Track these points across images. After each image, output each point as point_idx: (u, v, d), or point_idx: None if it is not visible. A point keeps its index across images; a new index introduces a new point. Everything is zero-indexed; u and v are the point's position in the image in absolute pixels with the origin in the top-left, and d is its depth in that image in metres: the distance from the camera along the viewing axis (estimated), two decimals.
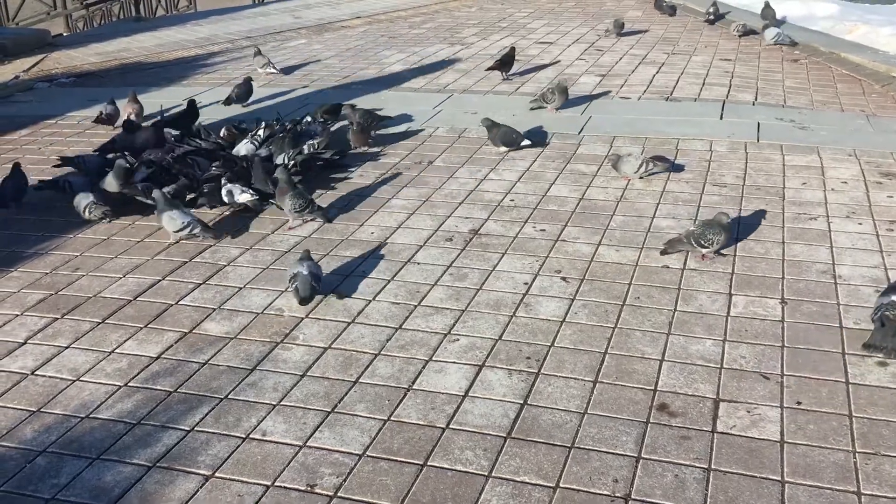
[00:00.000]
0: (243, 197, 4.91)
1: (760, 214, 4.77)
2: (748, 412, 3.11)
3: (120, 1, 15.91)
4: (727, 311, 3.80)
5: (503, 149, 5.86)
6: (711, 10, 10.21)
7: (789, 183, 5.22)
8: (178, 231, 4.59)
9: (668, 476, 2.80)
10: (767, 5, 9.90)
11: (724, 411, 3.12)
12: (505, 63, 7.80)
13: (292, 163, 5.35)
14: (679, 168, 5.49)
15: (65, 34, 13.12)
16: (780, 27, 9.33)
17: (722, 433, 3.00)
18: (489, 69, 7.92)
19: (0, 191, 5.19)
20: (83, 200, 4.91)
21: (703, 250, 4.22)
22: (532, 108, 6.75)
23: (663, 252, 4.30)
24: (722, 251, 4.28)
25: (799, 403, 3.16)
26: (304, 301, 3.90)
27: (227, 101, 7.15)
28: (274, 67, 8.21)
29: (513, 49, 7.99)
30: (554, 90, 6.67)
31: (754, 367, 3.38)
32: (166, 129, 5.96)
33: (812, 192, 5.07)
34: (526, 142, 5.86)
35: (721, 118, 6.54)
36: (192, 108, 6.25)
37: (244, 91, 7.15)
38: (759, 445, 2.94)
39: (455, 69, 8.34)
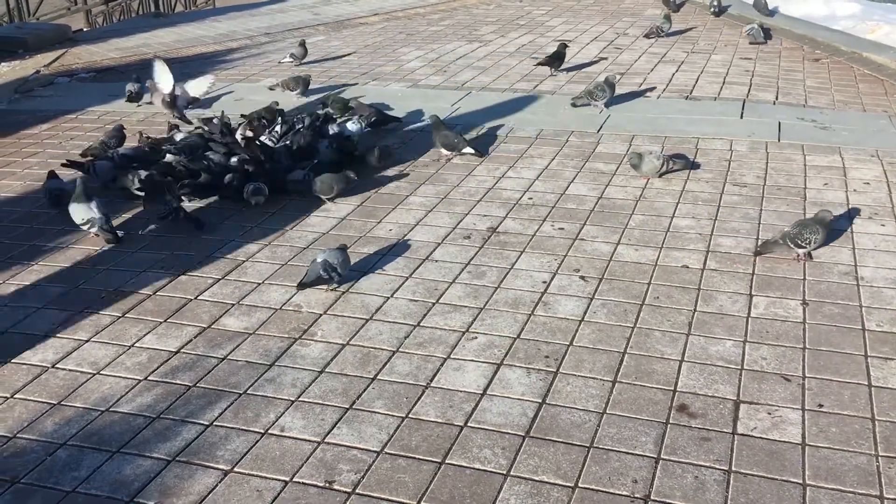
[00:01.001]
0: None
1: (781, 215, 4.73)
2: (769, 414, 3.09)
3: None
4: (748, 311, 3.77)
5: (444, 152, 5.76)
6: (716, 2, 10.57)
7: (811, 183, 5.18)
8: (81, 224, 4.65)
9: (688, 477, 2.79)
10: None
11: (744, 413, 3.10)
12: (555, 58, 7.82)
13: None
14: (698, 167, 5.45)
15: (85, 29, 13.17)
16: (772, 17, 9.78)
17: (742, 435, 2.98)
18: (538, 64, 7.93)
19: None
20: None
21: (800, 250, 4.14)
22: (577, 106, 6.62)
23: (757, 254, 4.22)
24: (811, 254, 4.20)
25: (821, 406, 3.13)
26: (300, 285, 4.01)
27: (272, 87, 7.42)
28: (288, 59, 8.49)
29: (564, 45, 7.99)
30: (603, 86, 6.50)
31: (775, 368, 3.36)
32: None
33: (834, 193, 5.02)
34: (468, 149, 5.67)
35: (741, 117, 6.50)
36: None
37: (302, 84, 7.29)
38: (780, 448, 2.91)
39: (473, 67, 8.32)
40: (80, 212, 4.63)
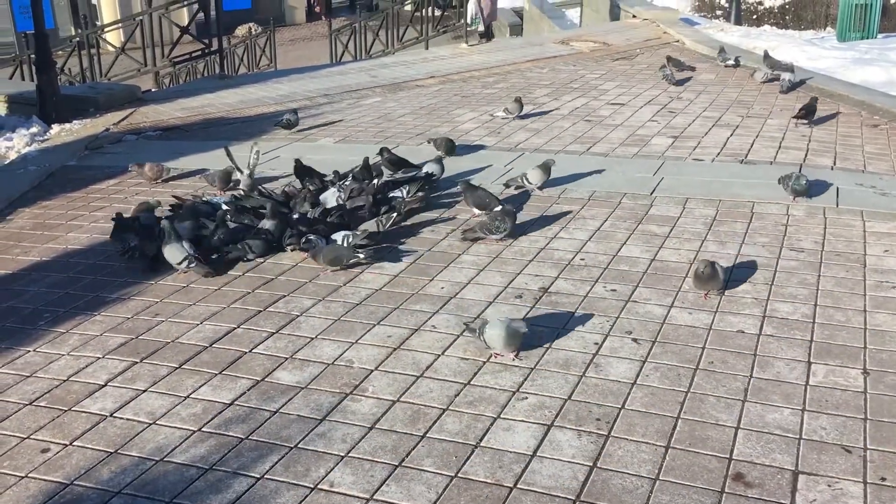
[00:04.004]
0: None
1: (840, 281, 4.65)
2: (829, 486, 2.99)
3: (205, 59, 16.65)
4: (806, 379, 3.69)
5: (476, 211, 5.81)
6: (730, 58, 11.16)
7: (870, 250, 5.08)
8: (177, 264, 4.98)
9: None
10: (767, 55, 10.73)
11: (803, 484, 3.01)
12: (809, 112, 8.03)
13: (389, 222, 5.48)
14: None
15: (153, 90, 13.77)
16: (792, 72, 9.98)
17: None
18: (795, 117, 8.13)
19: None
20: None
21: None
22: (780, 183, 6.06)
23: None
24: None
25: (883, 479, 3.02)
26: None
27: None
28: (502, 113, 8.75)
29: (815, 98, 8.20)
30: (801, 177, 5.88)
31: (835, 439, 3.26)
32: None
33: (895, 260, 4.91)
34: (498, 206, 5.61)
35: None
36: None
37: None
38: None
39: (527, 129, 8.43)
40: (176, 252, 4.95)
